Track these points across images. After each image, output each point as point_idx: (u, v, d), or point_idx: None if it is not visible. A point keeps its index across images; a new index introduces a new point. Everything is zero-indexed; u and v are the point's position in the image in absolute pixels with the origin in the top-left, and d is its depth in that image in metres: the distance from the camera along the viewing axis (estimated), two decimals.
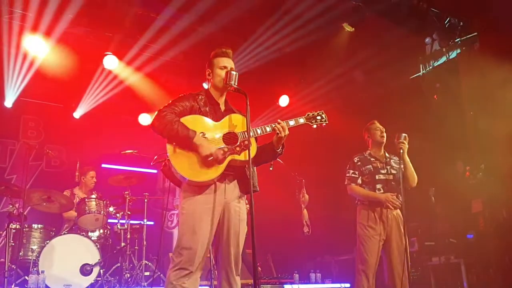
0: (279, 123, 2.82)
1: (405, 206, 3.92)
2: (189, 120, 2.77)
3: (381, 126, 4.10)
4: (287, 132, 2.82)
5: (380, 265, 3.86)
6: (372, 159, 4.04)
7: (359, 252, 3.89)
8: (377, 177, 3.94)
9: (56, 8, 5.22)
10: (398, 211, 3.89)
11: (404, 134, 3.86)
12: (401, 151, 3.80)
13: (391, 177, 3.88)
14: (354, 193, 4.00)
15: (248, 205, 3.05)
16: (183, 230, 2.69)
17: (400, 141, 3.83)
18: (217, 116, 2.88)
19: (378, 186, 3.91)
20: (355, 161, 4.07)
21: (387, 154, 4.08)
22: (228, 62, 2.95)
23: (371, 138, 4.10)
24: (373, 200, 3.89)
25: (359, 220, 3.95)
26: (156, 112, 2.80)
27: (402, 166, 3.83)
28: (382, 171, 3.95)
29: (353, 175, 4.03)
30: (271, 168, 4.40)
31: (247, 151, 2.67)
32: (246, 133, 2.73)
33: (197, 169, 2.69)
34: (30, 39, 5.62)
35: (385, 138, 4.04)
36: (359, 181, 4.01)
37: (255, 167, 2.94)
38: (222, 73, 2.89)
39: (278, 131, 2.80)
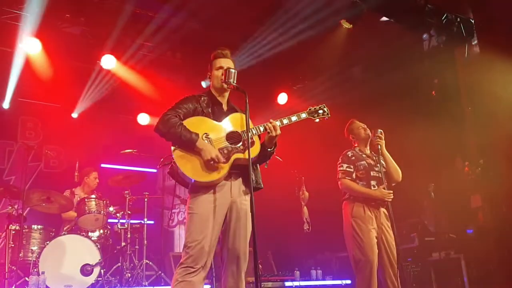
0: (270, 122, 2.83)
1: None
2: (192, 122, 2.81)
3: (362, 124, 4.09)
4: (278, 131, 2.82)
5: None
6: (363, 155, 4.00)
7: (357, 247, 3.76)
8: (372, 173, 3.90)
9: (52, 8, 5.20)
10: (384, 208, 3.85)
11: (380, 130, 3.86)
12: (379, 147, 3.80)
13: (381, 174, 3.82)
14: (348, 187, 3.90)
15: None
16: (190, 229, 2.72)
17: (377, 136, 3.84)
18: (220, 116, 2.91)
19: (373, 182, 3.86)
20: (349, 155, 4.00)
21: (373, 153, 4.02)
22: (225, 62, 2.97)
23: (356, 137, 4.08)
24: (368, 196, 3.84)
25: (354, 215, 3.82)
26: (161, 116, 2.83)
27: (382, 162, 3.84)
28: (376, 168, 3.91)
29: (347, 169, 3.94)
30: (265, 166, 4.38)
31: (251, 148, 2.70)
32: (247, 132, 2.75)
33: (203, 170, 2.72)
34: (27, 39, 5.60)
35: (369, 134, 4.01)
36: (353, 176, 3.93)
37: (258, 165, 2.96)
38: (219, 73, 2.93)
39: (269, 131, 2.82)
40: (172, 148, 2.76)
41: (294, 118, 2.94)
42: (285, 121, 2.91)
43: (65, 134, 6.76)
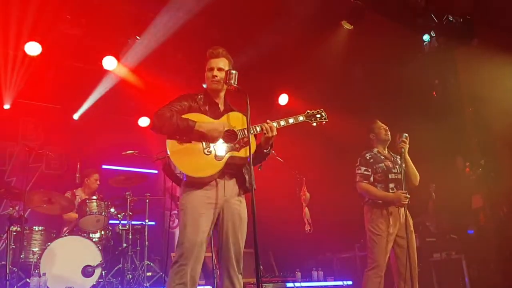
0: (267, 123, 2.82)
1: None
2: (188, 117, 2.78)
3: (384, 125, 4.10)
4: (275, 132, 2.81)
5: (388, 264, 3.85)
6: (382, 157, 3.99)
7: (370, 250, 3.85)
8: (390, 176, 3.88)
9: (53, 10, 5.21)
10: (406, 209, 3.86)
11: (405, 134, 3.87)
12: (403, 150, 3.80)
13: (400, 176, 3.80)
14: (366, 191, 3.91)
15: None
16: (182, 225, 2.70)
17: (401, 140, 3.84)
18: (216, 115, 2.89)
19: (391, 185, 3.85)
20: (367, 157, 3.98)
21: (391, 153, 4.05)
22: (215, 63, 2.92)
23: (376, 137, 4.07)
24: (385, 200, 3.83)
25: (370, 219, 3.87)
26: (154, 113, 2.80)
27: (403, 165, 3.82)
28: (394, 170, 3.90)
29: (365, 172, 3.92)
30: (259, 168, 4.37)
31: (246, 148, 2.68)
32: (245, 131, 2.75)
33: (197, 166, 2.70)
34: (28, 40, 5.60)
35: (389, 136, 4.04)
36: (371, 179, 3.92)
37: (252, 165, 2.95)
38: (209, 75, 2.91)
39: (265, 131, 2.81)
40: (167, 142, 2.73)
41: (291, 120, 2.93)
42: (282, 123, 2.90)
43: (66, 136, 6.76)
